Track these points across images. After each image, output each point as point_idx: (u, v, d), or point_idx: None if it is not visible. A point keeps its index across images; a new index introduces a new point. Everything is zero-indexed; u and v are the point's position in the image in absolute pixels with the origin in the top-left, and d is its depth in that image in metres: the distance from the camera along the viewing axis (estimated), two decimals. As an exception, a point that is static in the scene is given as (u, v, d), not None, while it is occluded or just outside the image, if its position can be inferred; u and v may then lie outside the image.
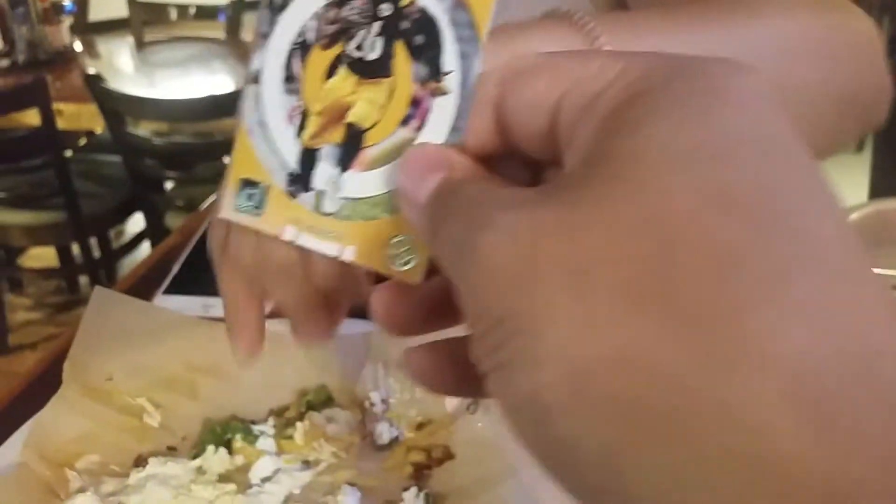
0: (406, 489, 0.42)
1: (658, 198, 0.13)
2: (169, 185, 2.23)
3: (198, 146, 2.04)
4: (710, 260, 0.12)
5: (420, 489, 0.41)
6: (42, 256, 2.66)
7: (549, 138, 0.17)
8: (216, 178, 1.99)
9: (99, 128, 2.35)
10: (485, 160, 0.18)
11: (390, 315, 0.20)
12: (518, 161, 0.18)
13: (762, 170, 0.13)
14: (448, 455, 0.44)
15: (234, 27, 2.92)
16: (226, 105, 1.90)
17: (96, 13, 3.17)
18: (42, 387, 0.49)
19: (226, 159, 2.12)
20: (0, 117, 2.13)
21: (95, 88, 1.89)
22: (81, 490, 0.40)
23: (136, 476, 0.41)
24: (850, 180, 1.21)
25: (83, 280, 2.65)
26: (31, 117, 2.03)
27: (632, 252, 0.13)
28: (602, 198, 0.14)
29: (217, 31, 2.97)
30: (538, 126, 0.17)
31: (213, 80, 2.31)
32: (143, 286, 0.61)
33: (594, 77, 0.16)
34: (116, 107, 1.91)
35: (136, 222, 2.43)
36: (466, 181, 0.17)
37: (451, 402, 0.46)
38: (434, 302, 0.19)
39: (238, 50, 2.75)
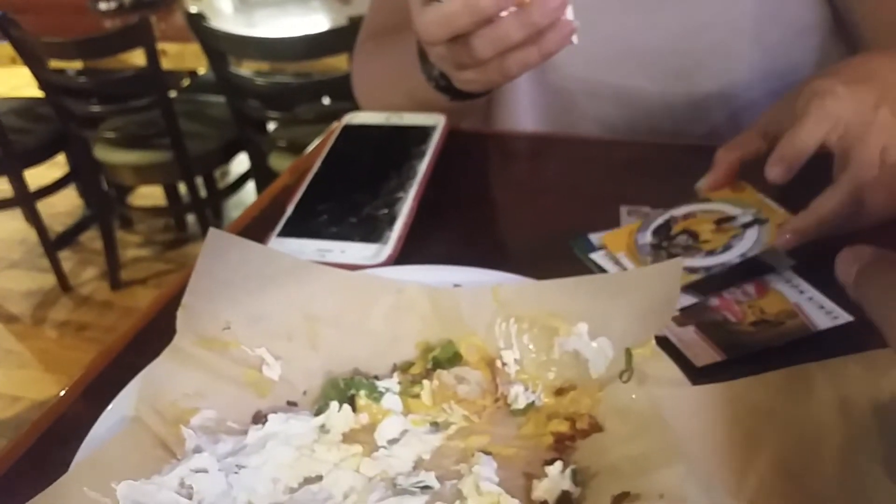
0: (548, 462, 0.37)
1: None
2: (271, 125, 2.23)
3: (298, 86, 2.02)
4: None
5: (565, 463, 0.37)
6: (150, 195, 2.75)
7: None
8: (317, 118, 1.99)
9: (202, 68, 2.38)
10: None
11: None
12: None
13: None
14: (595, 427, 0.39)
15: (331, -36, 2.87)
16: (325, 44, 1.86)
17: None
18: (155, 332, 0.47)
19: (325, 100, 2.10)
20: (108, 58, 2.18)
21: (198, 27, 1.89)
22: (198, 450, 0.37)
23: (255, 434, 0.38)
24: None
25: (190, 218, 2.73)
26: (137, 58, 2.06)
27: None
28: None
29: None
30: None
31: (310, 20, 2.28)
32: (256, 227, 0.58)
33: None
34: (219, 46, 1.91)
35: (241, 163, 2.47)
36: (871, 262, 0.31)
37: (597, 368, 0.41)
38: None
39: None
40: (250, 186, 2.51)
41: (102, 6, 2.37)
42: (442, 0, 0.49)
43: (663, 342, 0.44)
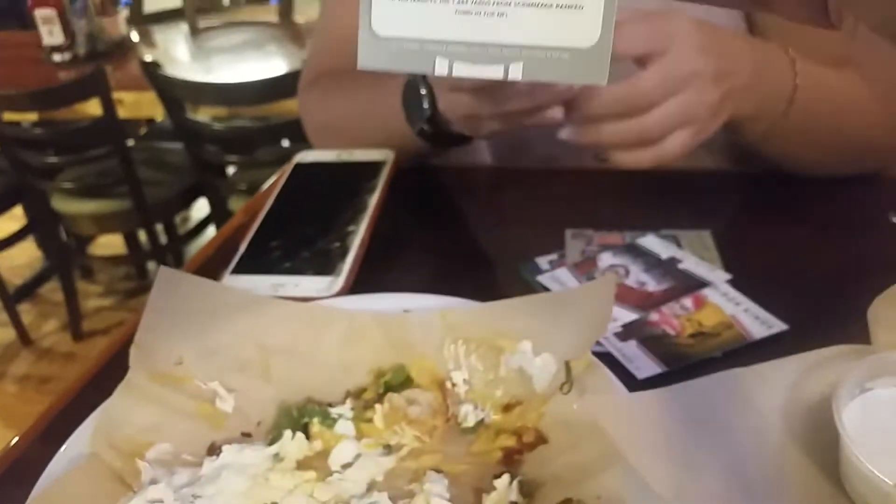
0: (497, 476, 0.38)
1: None
2: (231, 170, 2.24)
3: (257, 130, 2.03)
4: None
5: (513, 476, 0.38)
6: (110, 244, 2.72)
7: None
8: (277, 161, 2.00)
9: (159, 115, 2.38)
10: None
11: None
12: None
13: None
14: (540, 439, 0.40)
15: (286, 10, 2.92)
16: (281, 87, 1.89)
17: (151, 4, 3.21)
18: (111, 373, 0.47)
19: (285, 142, 2.11)
20: (64, 109, 2.17)
21: (153, 75, 1.90)
22: (154, 482, 0.38)
23: (210, 465, 0.39)
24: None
25: (151, 266, 2.70)
26: (93, 107, 2.06)
27: None
28: None
29: (270, 14, 2.98)
30: None
31: (267, 65, 2.30)
32: (210, 267, 0.59)
33: None
34: (175, 92, 1.92)
35: (201, 208, 2.46)
36: None
37: (541, 383, 0.42)
38: None
39: (291, 32, 2.74)
40: (211, 231, 2.51)
41: (57, 57, 2.37)
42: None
43: (607, 357, 0.46)
